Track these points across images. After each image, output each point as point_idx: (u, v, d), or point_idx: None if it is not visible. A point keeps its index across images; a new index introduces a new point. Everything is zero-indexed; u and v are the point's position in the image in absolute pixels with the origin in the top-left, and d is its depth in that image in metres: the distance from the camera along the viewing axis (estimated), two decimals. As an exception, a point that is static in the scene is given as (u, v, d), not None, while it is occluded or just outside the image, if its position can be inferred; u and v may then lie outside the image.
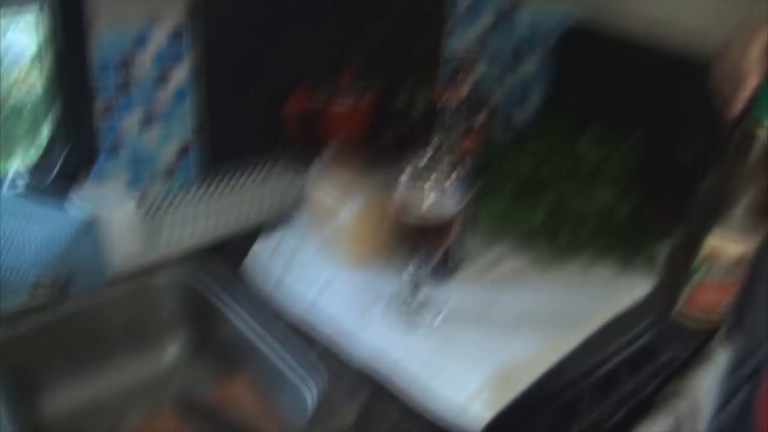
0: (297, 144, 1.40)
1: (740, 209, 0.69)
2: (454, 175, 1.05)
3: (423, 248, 1.07)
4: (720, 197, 0.70)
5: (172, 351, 1.24)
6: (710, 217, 0.71)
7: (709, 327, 0.77)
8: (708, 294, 0.74)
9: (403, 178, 1.04)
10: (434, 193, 1.04)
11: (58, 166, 1.20)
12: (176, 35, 1.22)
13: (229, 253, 1.26)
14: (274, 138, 1.39)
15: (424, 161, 1.08)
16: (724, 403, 1.02)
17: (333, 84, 1.39)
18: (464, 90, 1.22)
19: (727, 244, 0.71)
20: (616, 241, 1.26)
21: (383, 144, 1.46)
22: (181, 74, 1.25)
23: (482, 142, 1.28)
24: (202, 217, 1.27)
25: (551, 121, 1.46)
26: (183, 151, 1.32)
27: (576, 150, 1.34)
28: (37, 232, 1.08)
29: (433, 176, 1.04)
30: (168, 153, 1.30)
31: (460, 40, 1.68)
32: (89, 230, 1.11)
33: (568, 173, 1.30)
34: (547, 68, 1.54)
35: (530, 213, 1.25)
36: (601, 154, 1.33)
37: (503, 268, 1.24)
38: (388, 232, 1.13)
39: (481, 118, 1.27)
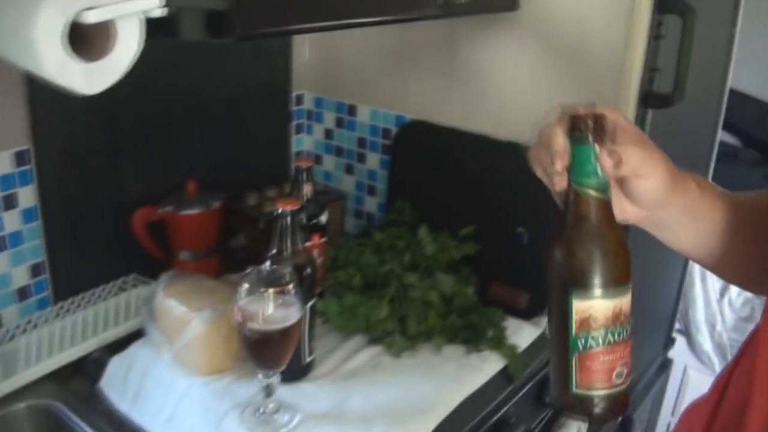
0: (147, 254, 1.42)
1: (596, 271, 0.68)
2: (295, 280, 1.07)
3: (269, 355, 1.08)
4: (575, 264, 0.69)
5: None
6: (566, 283, 0.69)
7: (614, 392, 0.71)
8: (597, 361, 0.70)
9: (243, 287, 1.05)
10: (273, 302, 1.05)
11: None
12: (20, 159, 1.24)
13: (86, 370, 1.24)
14: (124, 252, 1.41)
15: (264, 268, 1.11)
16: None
17: (181, 193, 1.42)
18: (303, 193, 1.27)
19: (594, 305, 0.68)
20: (461, 324, 1.31)
21: (233, 249, 1.48)
22: (28, 196, 1.27)
23: (328, 241, 1.32)
24: (57, 336, 1.27)
25: (393, 214, 1.53)
26: (35, 272, 1.32)
27: (415, 240, 1.40)
28: None
29: (273, 284, 1.06)
30: (20, 275, 1.30)
31: (304, 141, 1.76)
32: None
33: (410, 264, 1.36)
34: (389, 162, 1.61)
35: (377, 305, 1.28)
36: (439, 243, 1.39)
37: (356, 362, 1.26)
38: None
39: (325, 217, 1.31)
